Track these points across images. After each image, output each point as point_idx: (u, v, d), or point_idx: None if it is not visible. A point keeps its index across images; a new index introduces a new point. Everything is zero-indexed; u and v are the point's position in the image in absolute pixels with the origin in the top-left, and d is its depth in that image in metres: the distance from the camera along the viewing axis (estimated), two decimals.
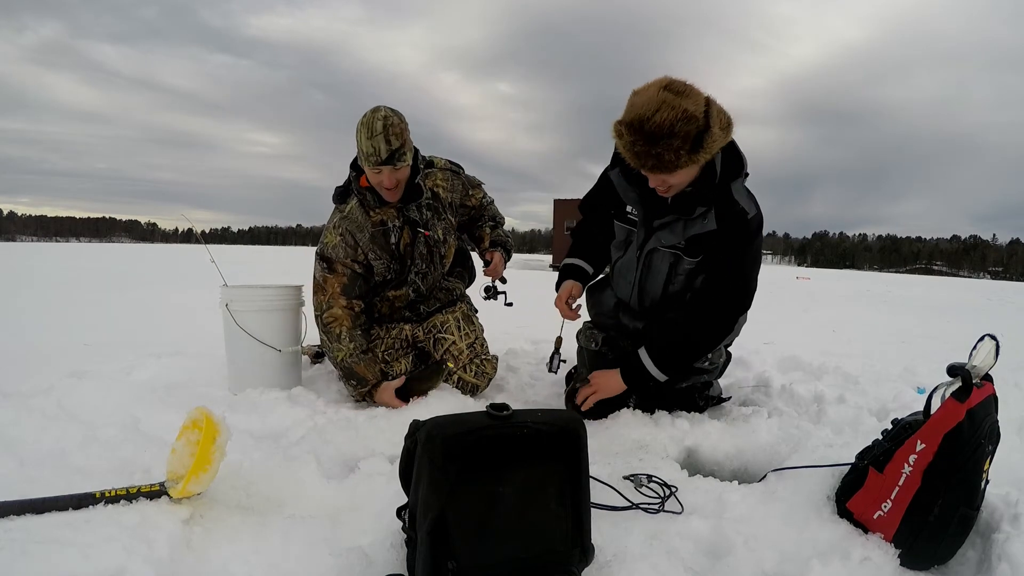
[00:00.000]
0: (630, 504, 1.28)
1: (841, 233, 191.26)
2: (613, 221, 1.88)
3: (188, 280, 8.26)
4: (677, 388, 1.88)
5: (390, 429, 1.70)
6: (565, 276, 1.99)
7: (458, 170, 2.20)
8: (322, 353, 2.58)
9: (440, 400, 1.97)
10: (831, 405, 2.03)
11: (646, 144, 1.45)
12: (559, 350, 2.06)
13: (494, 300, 2.32)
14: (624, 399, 1.88)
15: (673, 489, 1.36)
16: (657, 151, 1.44)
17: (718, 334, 1.74)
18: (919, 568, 1.10)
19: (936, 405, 1.13)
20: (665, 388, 1.83)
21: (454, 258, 2.30)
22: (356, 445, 1.64)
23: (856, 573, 1.06)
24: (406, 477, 1.05)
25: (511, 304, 2.32)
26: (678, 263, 1.74)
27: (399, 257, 2.09)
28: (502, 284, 2.33)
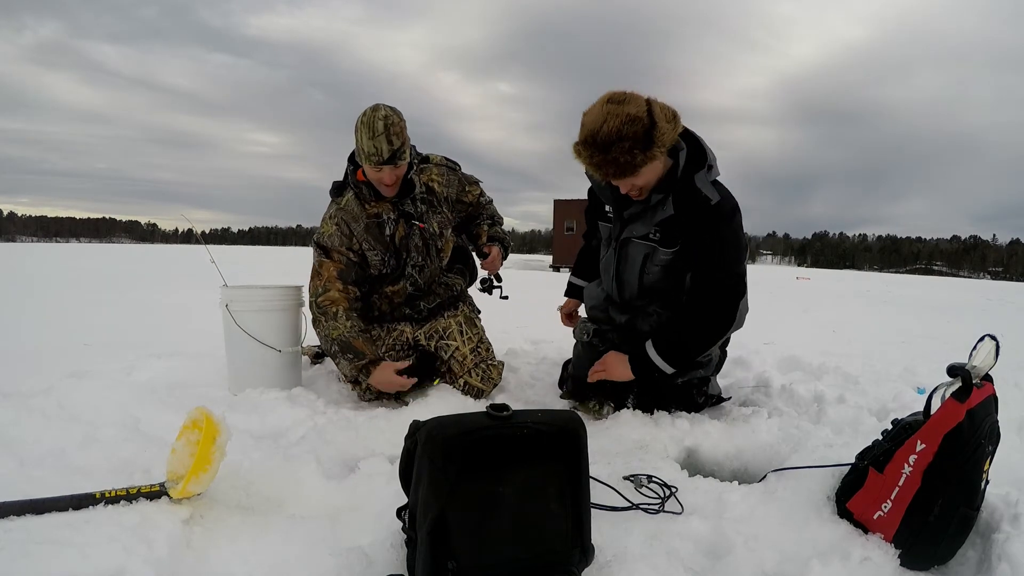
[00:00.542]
0: (630, 504, 1.28)
1: (841, 233, 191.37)
2: (598, 224, 2.03)
3: (188, 280, 8.26)
4: (674, 384, 1.89)
5: (390, 429, 1.70)
6: (568, 294, 2.35)
7: (454, 166, 2.24)
8: (322, 353, 2.58)
9: (440, 400, 1.97)
10: (831, 405, 2.03)
11: (601, 153, 1.56)
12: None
13: (488, 294, 2.35)
14: (625, 395, 1.93)
15: (673, 489, 1.36)
16: (612, 156, 1.55)
17: (719, 323, 1.75)
18: (919, 568, 1.10)
19: (936, 405, 1.13)
20: (663, 384, 1.85)
21: (454, 255, 2.31)
22: (356, 445, 1.64)
23: (856, 573, 1.06)
24: (406, 477, 1.05)
25: (507, 297, 2.35)
26: (653, 254, 1.82)
27: (395, 250, 2.12)
28: (497, 280, 2.36)
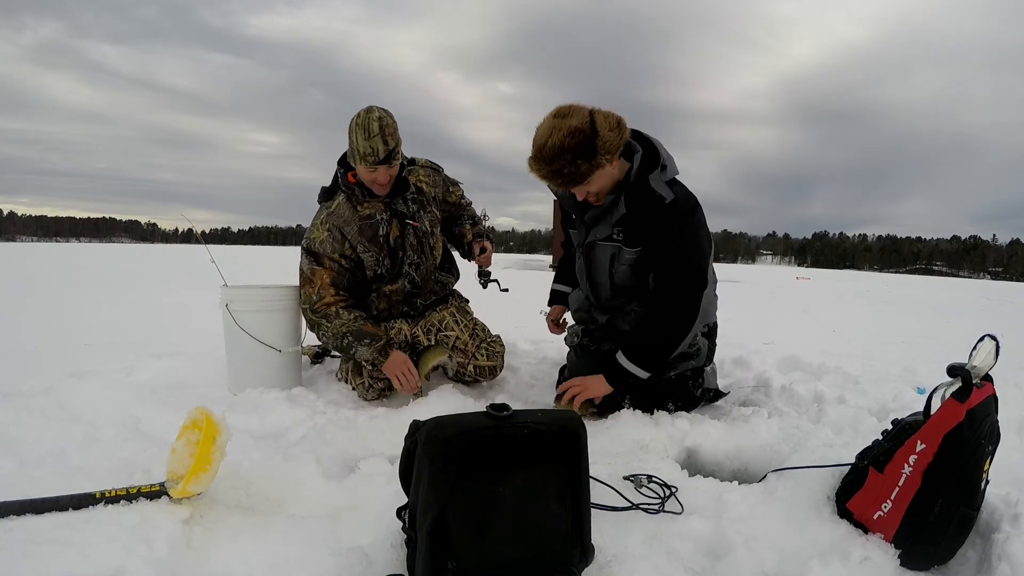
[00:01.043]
0: (630, 504, 1.28)
1: (841, 233, 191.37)
2: (570, 232, 2.08)
3: (188, 280, 8.26)
4: (667, 378, 1.90)
5: (390, 429, 1.70)
6: (552, 301, 2.34)
7: (438, 168, 2.30)
8: (322, 353, 2.58)
9: (440, 400, 1.97)
10: (831, 405, 2.04)
11: (548, 165, 1.65)
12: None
13: (484, 288, 2.37)
14: (621, 398, 1.92)
15: (673, 489, 1.36)
16: (557, 168, 1.64)
17: (681, 321, 1.78)
18: (919, 568, 1.10)
19: (936, 405, 1.13)
20: (654, 380, 1.86)
21: (442, 255, 2.35)
22: (356, 445, 1.64)
23: (856, 573, 1.06)
24: (406, 477, 1.05)
25: (507, 290, 2.39)
26: (619, 254, 1.86)
27: (390, 250, 2.13)
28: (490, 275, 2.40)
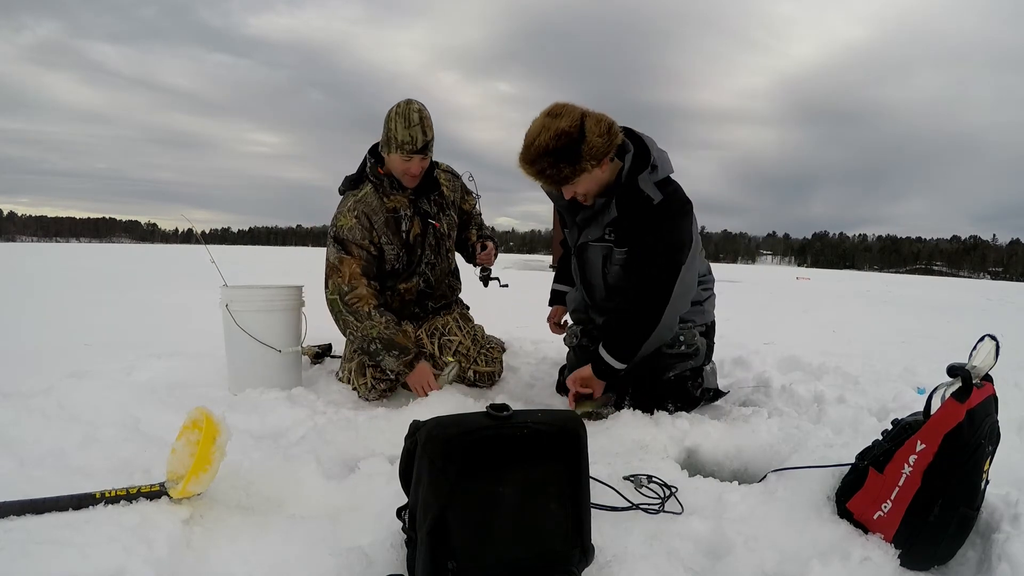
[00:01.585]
0: (630, 504, 1.28)
1: (841, 233, 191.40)
2: (565, 233, 2.09)
3: (188, 280, 8.26)
4: (666, 378, 1.90)
5: (390, 429, 1.70)
6: (553, 301, 2.35)
7: (457, 175, 2.34)
8: (322, 353, 2.58)
9: (440, 400, 1.97)
10: (831, 405, 2.03)
11: (532, 166, 1.68)
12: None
13: (485, 285, 2.41)
14: (622, 394, 1.95)
15: (673, 489, 1.36)
16: (540, 168, 1.67)
17: (649, 310, 1.75)
18: (919, 568, 1.10)
19: (936, 405, 1.13)
20: (652, 380, 1.88)
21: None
22: (356, 445, 1.64)
23: (856, 573, 1.06)
24: (406, 477, 1.05)
25: (506, 286, 2.42)
26: (611, 254, 1.87)
27: (409, 247, 2.15)
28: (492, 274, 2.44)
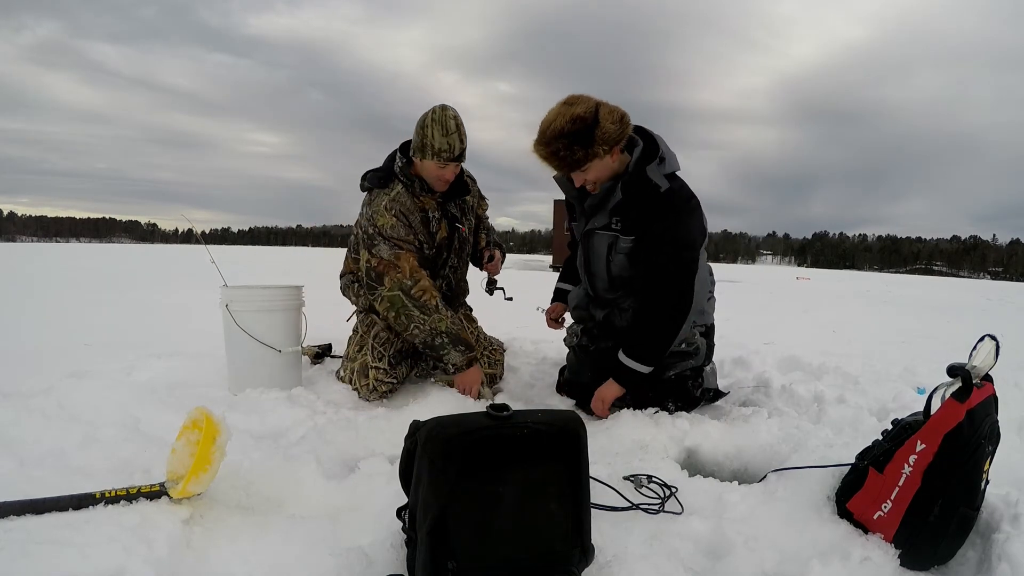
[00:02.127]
0: (630, 504, 1.28)
1: (841, 233, 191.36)
2: (572, 226, 2.11)
3: (188, 280, 8.26)
4: (667, 378, 1.91)
5: (390, 429, 1.70)
6: (555, 299, 2.36)
7: (474, 179, 2.34)
8: (322, 353, 2.58)
9: (440, 400, 1.97)
10: (831, 405, 2.04)
11: (546, 147, 1.73)
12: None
13: (490, 295, 2.44)
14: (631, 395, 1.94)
15: (673, 489, 1.36)
16: (553, 151, 1.72)
17: (674, 310, 1.79)
18: (919, 568, 1.10)
19: (936, 405, 1.13)
20: (653, 379, 1.88)
21: None
22: (356, 445, 1.64)
23: (856, 573, 1.06)
24: (406, 477, 1.05)
25: (511, 299, 2.40)
26: (616, 243, 1.88)
27: (436, 249, 2.17)
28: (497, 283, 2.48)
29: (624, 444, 1.69)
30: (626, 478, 1.42)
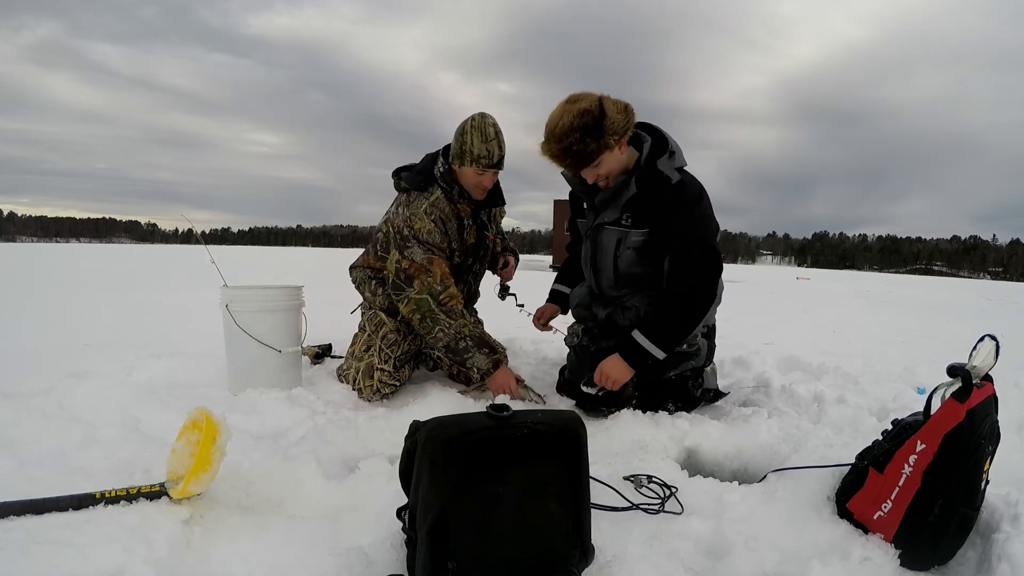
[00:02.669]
0: (630, 504, 1.28)
1: (841, 233, 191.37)
2: (578, 223, 2.12)
3: (188, 280, 8.26)
4: (667, 378, 1.91)
5: (390, 429, 1.70)
6: (549, 300, 2.34)
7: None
8: (322, 353, 2.58)
9: (440, 400, 1.97)
10: (831, 405, 2.04)
11: (558, 144, 1.74)
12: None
13: (502, 299, 2.46)
14: (626, 397, 1.94)
15: (673, 489, 1.36)
16: (567, 145, 1.72)
17: (702, 298, 1.80)
18: (919, 568, 1.10)
19: (936, 405, 1.13)
20: (657, 376, 1.89)
21: None
22: (356, 445, 1.64)
23: (856, 573, 1.06)
24: (406, 477, 1.05)
25: (522, 306, 2.43)
26: (625, 238, 1.89)
27: (464, 255, 2.19)
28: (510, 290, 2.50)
29: (624, 444, 1.69)
30: (626, 478, 1.42)
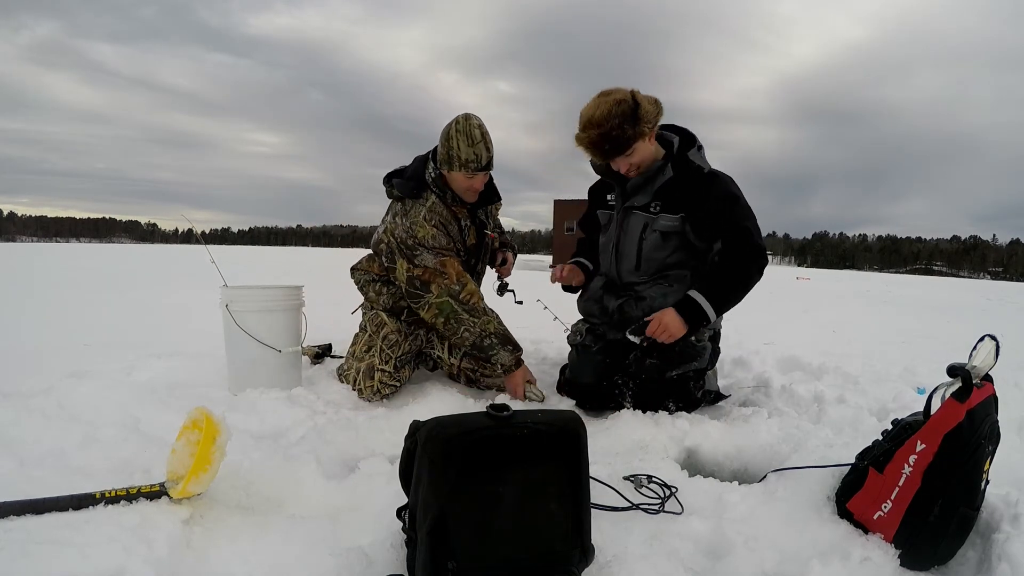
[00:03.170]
0: (630, 504, 1.28)
1: (841, 233, 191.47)
2: (597, 213, 2.17)
3: (188, 280, 8.26)
4: (669, 378, 1.91)
5: (390, 429, 1.70)
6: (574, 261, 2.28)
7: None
8: (322, 353, 2.58)
9: (440, 400, 1.97)
10: (831, 405, 2.04)
11: (598, 129, 1.80)
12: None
13: (500, 296, 2.43)
14: (618, 396, 1.97)
15: (673, 489, 1.36)
16: (606, 131, 1.80)
17: (754, 268, 1.88)
18: (919, 568, 1.10)
19: (936, 405, 1.13)
20: (661, 371, 1.90)
21: None
22: (356, 445, 1.64)
23: (856, 573, 1.06)
24: (406, 477, 1.05)
25: (521, 302, 2.40)
26: (653, 222, 1.96)
27: (466, 255, 2.19)
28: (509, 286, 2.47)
29: (624, 444, 1.69)
30: (626, 478, 1.42)
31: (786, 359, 2.87)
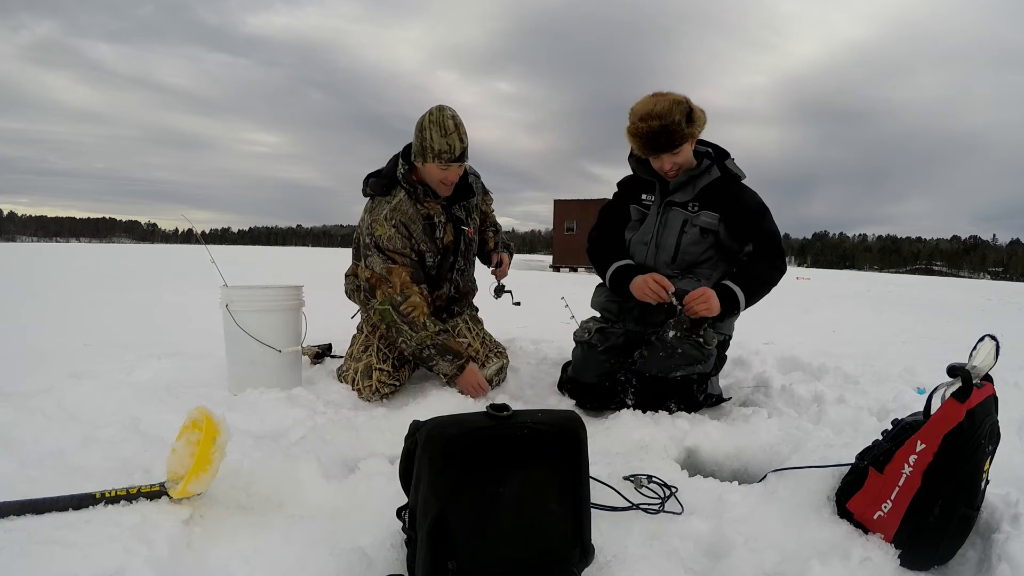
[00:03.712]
0: (630, 504, 1.28)
1: (841, 233, 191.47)
2: (630, 207, 2.20)
3: (188, 280, 8.26)
4: (672, 379, 1.91)
5: (390, 429, 1.70)
6: (633, 272, 2.04)
7: (478, 175, 2.30)
8: (322, 353, 2.58)
9: (440, 400, 1.97)
10: (831, 405, 2.04)
11: (660, 120, 1.88)
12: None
13: (497, 299, 2.42)
14: (620, 394, 1.98)
15: (673, 489, 1.36)
16: (668, 122, 1.88)
17: (780, 267, 2.03)
18: (919, 568, 1.10)
19: (936, 405, 1.13)
20: (666, 375, 1.91)
21: None
22: (356, 445, 1.64)
23: (856, 573, 1.06)
24: (406, 477, 1.05)
25: (519, 303, 2.40)
26: (692, 219, 2.05)
27: (443, 254, 2.16)
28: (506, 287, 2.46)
29: (624, 444, 1.69)
30: (626, 478, 1.42)
31: (786, 359, 2.87)
